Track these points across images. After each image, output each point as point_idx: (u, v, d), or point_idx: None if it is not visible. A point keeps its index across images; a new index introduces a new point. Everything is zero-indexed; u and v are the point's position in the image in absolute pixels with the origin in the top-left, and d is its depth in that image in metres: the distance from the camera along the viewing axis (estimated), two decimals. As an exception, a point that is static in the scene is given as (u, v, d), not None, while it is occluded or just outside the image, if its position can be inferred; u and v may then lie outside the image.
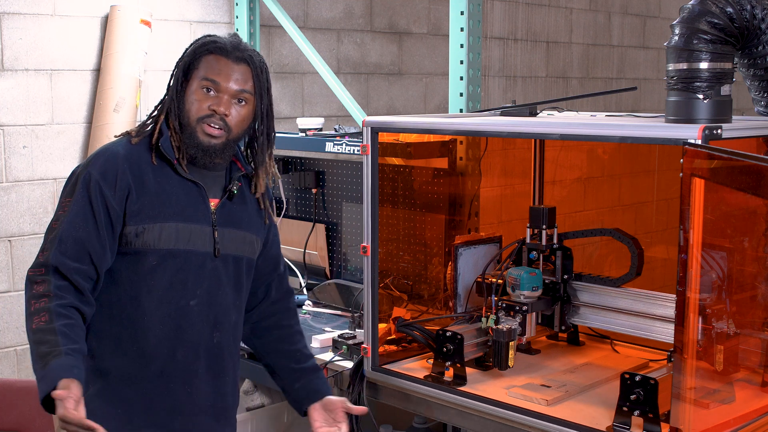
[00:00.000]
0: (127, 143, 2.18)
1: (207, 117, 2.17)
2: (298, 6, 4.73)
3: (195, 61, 2.19)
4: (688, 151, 1.87)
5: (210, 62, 2.19)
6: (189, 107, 2.18)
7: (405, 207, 3.05)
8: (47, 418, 2.71)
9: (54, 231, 2.09)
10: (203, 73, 2.18)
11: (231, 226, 2.26)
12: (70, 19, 3.88)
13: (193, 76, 2.19)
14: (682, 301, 1.91)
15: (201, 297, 2.21)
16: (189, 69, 2.20)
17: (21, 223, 3.81)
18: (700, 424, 2.01)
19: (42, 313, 2.00)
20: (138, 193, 2.13)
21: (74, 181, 2.13)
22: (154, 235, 2.13)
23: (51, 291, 2.03)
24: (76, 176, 2.13)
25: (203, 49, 2.20)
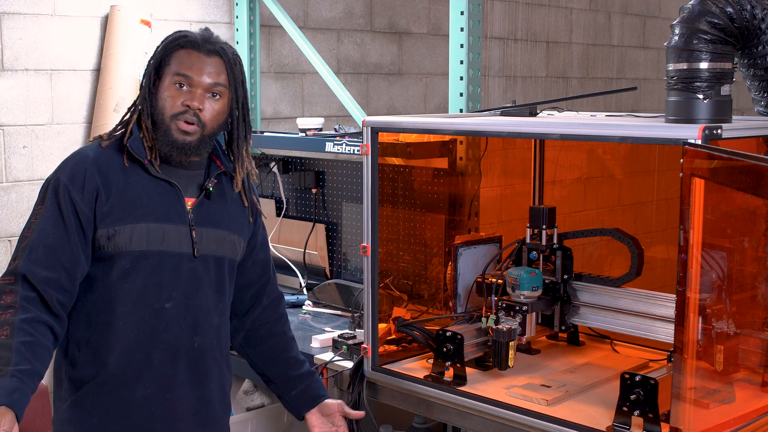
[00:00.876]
0: (97, 146, 2.16)
1: (181, 113, 2.12)
2: (298, 6, 4.73)
3: (166, 58, 2.16)
4: (688, 151, 1.87)
5: (181, 57, 2.15)
6: (162, 104, 2.13)
7: (405, 207, 3.05)
8: (47, 418, 2.70)
9: (25, 239, 2.07)
10: (175, 68, 2.14)
11: (210, 225, 2.21)
12: (70, 19, 3.88)
13: (164, 72, 2.15)
14: (682, 301, 1.91)
15: (177, 299, 2.16)
16: (160, 66, 2.16)
17: (21, 223, 3.80)
18: (700, 424, 2.01)
19: (5, 326, 1.96)
20: (107, 195, 2.09)
21: (45, 188, 2.13)
22: (125, 237, 2.09)
23: (17, 302, 1.99)
24: (47, 183, 2.13)
25: (174, 45, 2.16)
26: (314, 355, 2.98)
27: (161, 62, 2.16)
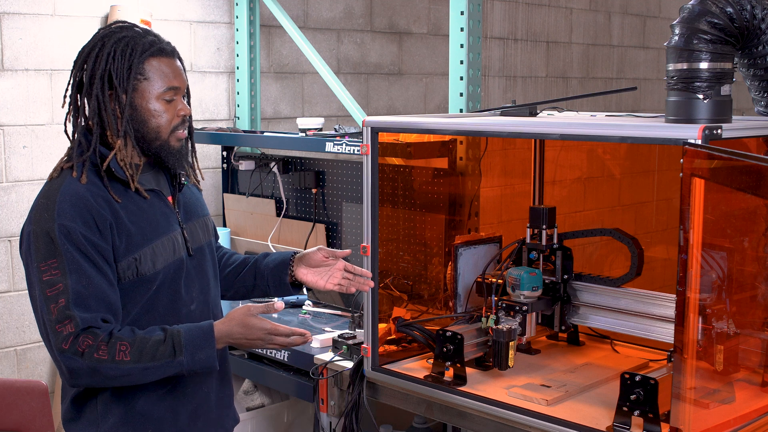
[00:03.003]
0: (75, 181, 2.02)
1: (180, 125, 2.10)
2: (298, 6, 4.73)
3: (135, 71, 2.03)
4: (688, 151, 1.87)
5: (160, 68, 2.05)
6: (157, 123, 2.06)
7: (405, 207, 3.05)
8: (47, 418, 2.71)
9: (60, 296, 1.93)
10: (161, 83, 2.05)
11: (193, 217, 2.21)
12: (70, 19, 3.88)
13: (140, 88, 2.03)
14: (682, 301, 1.91)
15: (198, 298, 2.18)
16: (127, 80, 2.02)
17: (21, 223, 3.79)
18: (700, 424, 2.01)
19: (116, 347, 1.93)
20: (117, 225, 2.01)
21: (47, 240, 1.95)
22: (147, 260, 2.05)
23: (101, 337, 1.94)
24: (46, 234, 1.95)
25: (144, 56, 2.03)
26: (314, 355, 2.98)
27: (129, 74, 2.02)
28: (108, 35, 2.06)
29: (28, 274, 2.01)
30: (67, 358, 1.92)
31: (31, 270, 1.98)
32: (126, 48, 2.03)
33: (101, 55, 2.03)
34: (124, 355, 1.94)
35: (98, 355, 1.92)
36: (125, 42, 2.04)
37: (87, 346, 1.92)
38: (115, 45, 2.04)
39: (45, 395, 2.72)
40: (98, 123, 2.06)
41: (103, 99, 2.03)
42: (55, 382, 3.90)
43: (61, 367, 1.95)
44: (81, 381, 1.97)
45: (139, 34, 2.07)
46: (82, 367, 1.93)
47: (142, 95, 2.04)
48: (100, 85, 2.02)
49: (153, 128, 2.07)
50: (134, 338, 1.96)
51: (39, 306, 1.96)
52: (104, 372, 1.94)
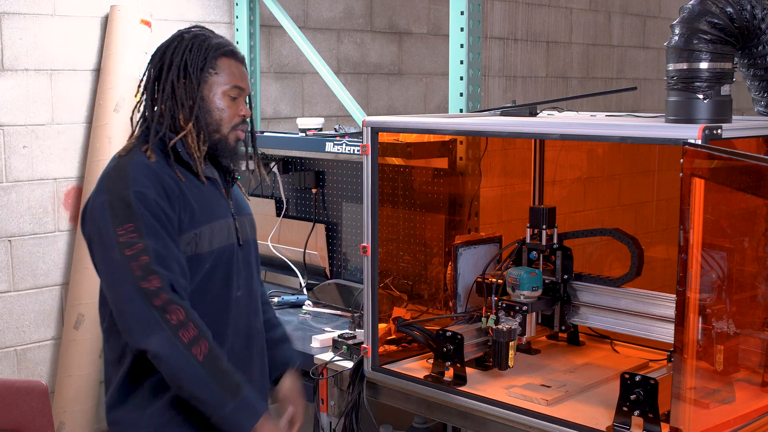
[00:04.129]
0: (143, 154, 2.11)
1: (239, 124, 2.21)
2: (298, 6, 4.73)
3: (208, 64, 2.18)
4: (688, 151, 1.87)
5: (230, 67, 2.20)
6: (219, 116, 2.19)
7: (405, 207, 3.05)
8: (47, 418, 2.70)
9: (141, 254, 1.98)
10: (228, 80, 2.19)
11: (241, 212, 2.31)
12: (70, 19, 3.88)
13: (210, 80, 2.18)
14: (682, 301, 1.91)
15: (243, 287, 2.24)
16: (201, 71, 2.17)
17: (21, 223, 3.80)
18: (700, 424, 2.01)
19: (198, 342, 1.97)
20: (183, 199, 2.11)
21: (123, 206, 2.02)
22: (206, 238, 2.13)
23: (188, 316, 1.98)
24: (122, 201, 2.02)
25: (218, 52, 2.19)
26: (314, 355, 2.98)
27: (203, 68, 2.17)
28: (187, 32, 2.22)
29: (101, 243, 2.04)
30: (153, 315, 1.95)
31: (105, 237, 2.02)
32: (203, 43, 2.18)
33: (179, 47, 2.17)
34: (200, 354, 1.97)
35: (180, 334, 1.96)
36: (202, 38, 2.19)
37: (176, 319, 1.96)
38: (194, 40, 2.19)
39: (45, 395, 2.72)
40: (170, 108, 2.17)
41: (176, 84, 2.15)
42: (55, 382, 3.90)
43: (138, 322, 1.96)
44: (152, 343, 1.96)
45: (216, 36, 2.24)
46: (165, 332, 1.95)
47: (211, 88, 2.17)
48: (176, 72, 2.15)
49: (215, 120, 2.18)
50: (214, 346, 2.01)
51: (118, 267, 1.99)
52: (175, 353, 1.96)
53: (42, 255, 3.89)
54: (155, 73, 2.20)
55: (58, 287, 3.96)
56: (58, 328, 3.97)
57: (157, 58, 2.21)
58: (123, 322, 2.00)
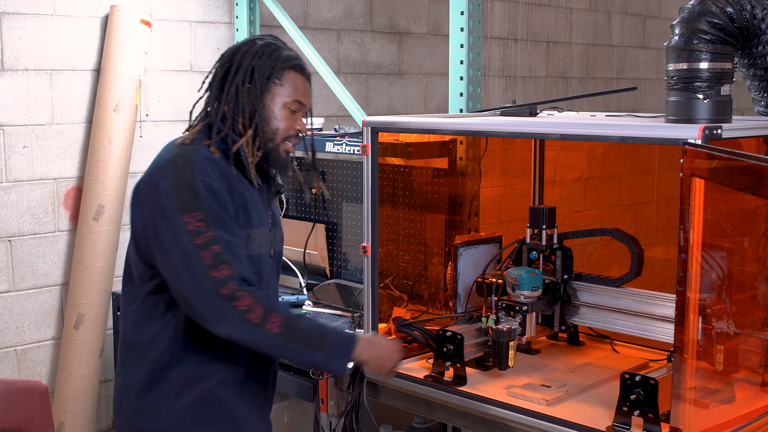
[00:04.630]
0: (206, 148, 2.12)
1: (292, 137, 2.23)
2: (298, 6, 4.73)
3: (275, 74, 2.19)
4: (688, 151, 1.87)
5: (295, 81, 2.21)
6: (276, 126, 2.20)
7: (405, 207, 3.05)
8: (47, 418, 2.71)
9: (211, 243, 2.00)
10: (291, 93, 2.20)
11: (276, 225, 2.33)
12: (70, 19, 3.88)
13: (274, 90, 2.19)
14: (682, 301, 1.91)
15: (272, 296, 2.28)
16: (267, 79, 2.18)
17: (21, 223, 3.80)
18: (700, 424, 2.01)
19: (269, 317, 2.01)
20: (240, 199, 2.13)
21: (191, 194, 2.03)
22: (255, 241, 2.16)
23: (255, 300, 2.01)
24: (190, 188, 2.03)
25: (287, 65, 2.20)
26: (314, 355, 2.98)
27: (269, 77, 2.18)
28: (261, 38, 2.24)
29: (168, 228, 2.03)
30: (223, 303, 1.98)
31: (173, 223, 2.02)
32: (273, 53, 2.20)
33: (250, 52, 2.19)
34: (274, 327, 2.01)
35: (249, 317, 1.99)
36: (273, 48, 2.21)
37: (244, 305, 1.99)
38: (265, 48, 2.20)
39: (45, 395, 2.71)
40: (232, 109, 2.18)
41: (241, 88, 2.17)
42: (55, 382, 3.90)
43: (209, 310, 1.99)
44: (224, 330, 2.01)
45: (287, 48, 2.25)
46: (234, 318, 1.99)
47: (273, 97, 2.19)
48: (243, 76, 2.17)
49: (272, 129, 2.20)
50: (289, 315, 2.05)
51: (187, 255, 2.00)
52: (249, 334, 2.01)
53: (42, 255, 3.89)
54: (222, 73, 2.21)
55: (58, 287, 3.96)
56: (58, 328, 3.97)
57: (226, 57, 2.22)
58: (192, 309, 2.03)
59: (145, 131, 4.16)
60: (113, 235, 3.89)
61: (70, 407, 3.85)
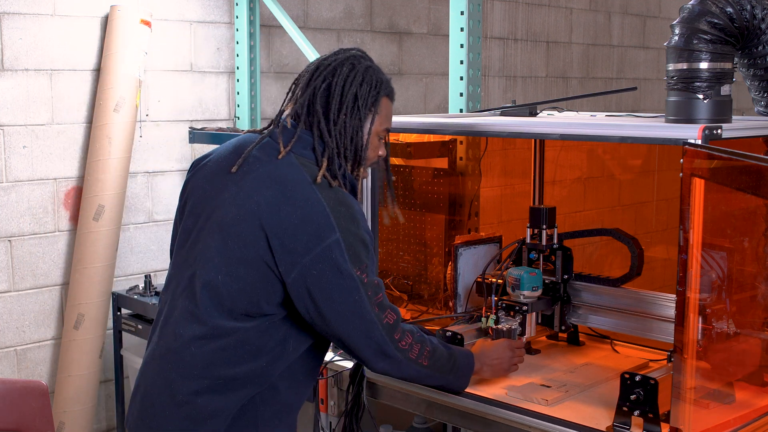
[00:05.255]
0: (339, 189, 2.05)
1: (375, 163, 2.20)
2: (298, 6, 4.73)
3: (375, 101, 2.11)
4: (688, 151, 1.87)
5: (388, 108, 2.16)
6: (368, 154, 2.13)
7: (405, 207, 3.05)
8: (47, 418, 2.71)
9: (377, 292, 2.06)
10: (384, 121, 2.14)
11: None
12: (70, 19, 3.88)
13: (372, 119, 2.11)
14: (682, 301, 1.91)
15: None
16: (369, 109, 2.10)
17: (21, 223, 3.81)
18: (700, 424, 2.01)
19: (423, 352, 2.15)
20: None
21: (362, 248, 2.01)
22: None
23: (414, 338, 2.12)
24: (361, 243, 2.01)
25: (384, 92, 2.13)
26: (314, 355, 2.98)
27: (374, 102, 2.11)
28: (357, 59, 2.12)
29: (342, 283, 1.99)
30: (392, 347, 2.08)
31: (348, 278, 1.99)
32: (373, 79, 2.11)
33: (351, 77, 2.09)
34: (424, 359, 2.16)
35: (410, 355, 2.12)
36: (373, 72, 2.12)
37: (406, 344, 2.11)
38: (366, 73, 2.11)
39: (45, 395, 2.71)
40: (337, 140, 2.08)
41: (346, 117, 2.08)
42: (55, 382, 3.90)
43: (376, 354, 2.07)
44: (385, 367, 2.12)
45: (381, 71, 2.16)
46: (398, 358, 2.10)
47: (370, 126, 2.12)
48: (347, 106, 2.08)
49: (364, 157, 2.13)
50: (432, 345, 2.18)
51: (362, 307, 2.02)
52: (406, 369, 2.14)
53: (42, 255, 3.89)
54: (323, 97, 2.08)
55: (58, 287, 3.96)
56: (58, 328, 3.97)
57: (321, 78, 2.09)
58: (356, 353, 2.08)
59: (145, 131, 4.16)
60: (113, 235, 3.89)
61: (70, 407, 3.85)
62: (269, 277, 1.98)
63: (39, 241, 3.87)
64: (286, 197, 1.98)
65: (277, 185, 2.00)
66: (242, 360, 2.02)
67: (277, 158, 2.04)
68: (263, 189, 2.00)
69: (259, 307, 2.00)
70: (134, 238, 4.18)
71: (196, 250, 2.05)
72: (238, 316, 2.01)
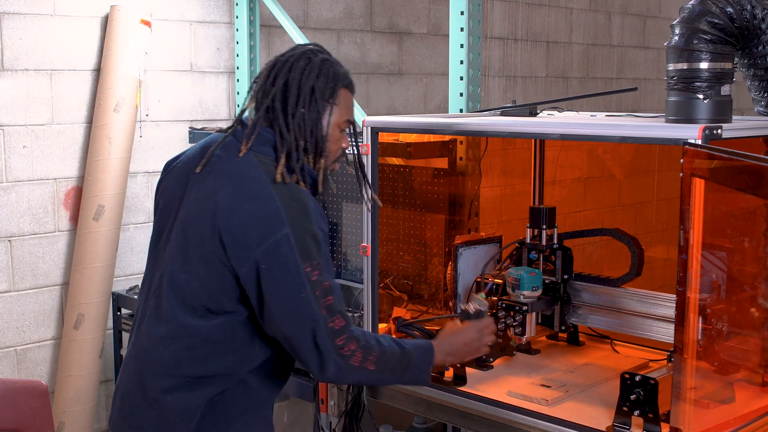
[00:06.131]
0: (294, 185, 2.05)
1: (340, 156, 2.18)
2: (298, 6, 4.73)
3: (334, 94, 2.11)
4: (688, 151, 1.87)
5: (347, 100, 2.15)
6: (331, 148, 2.13)
7: (405, 207, 3.05)
8: (47, 418, 2.71)
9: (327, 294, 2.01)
10: (344, 112, 2.13)
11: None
12: (70, 19, 3.88)
13: (330, 111, 2.10)
14: (682, 301, 1.91)
15: None
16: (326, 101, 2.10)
17: (21, 223, 3.80)
18: (700, 424, 2.01)
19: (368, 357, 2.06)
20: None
21: (313, 243, 2.00)
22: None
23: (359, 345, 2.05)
24: (312, 238, 2.00)
25: (342, 83, 2.13)
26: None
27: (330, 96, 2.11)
28: (313, 53, 2.13)
29: (288, 279, 1.99)
30: (333, 353, 2.01)
31: (295, 274, 1.98)
32: (330, 71, 2.12)
33: (308, 71, 2.10)
34: (370, 364, 2.07)
35: (352, 362, 2.04)
36: (329, 65, 2.13)
37: (349, 350, 2.03)
38: (322, 65, 2.11)
39: (45, 395, 2.71)
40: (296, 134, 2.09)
41: (303, 111, 2.09)
42: (55, 382, 3.90)
43: (317, 359, 2.01)
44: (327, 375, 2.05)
45: (338, 62, 2.17)
46: (338, 364, 2.02)
47: (329, 118, 2.12)
48: (304, 99, 2.09)
49: (327, 151, 2.13)
50: (380, 349, 2.09)
51: (308, 306, 1.99)
52: (349, 375, 2.07)
53: (42, 255, 3.89)
54: (280, 93, 2.10)
55: (58, 287, 3.96)
56: (58, 328, 3.97)
57: (280, 75, 2.11)
58: (299, 354, 2.04)
59: (145, 131, 4.16)
60: (113, 235, 3.89)
61: (70, 407, 3.85)
62: (225, 274, 2.01)
63: (39, 241, 3.87)
64: (240, 194, 2.01)
65: (234, 183, 2.03)
66: (209, 358, 2.05)
67: (237, 156, 2.07)
68: (221, 188, 2.03)
69: (221, 304, 2.03)
70: (134, 238, 4.18)
71: (165, 250, 2.10)
72: (202, 314, 2.04)
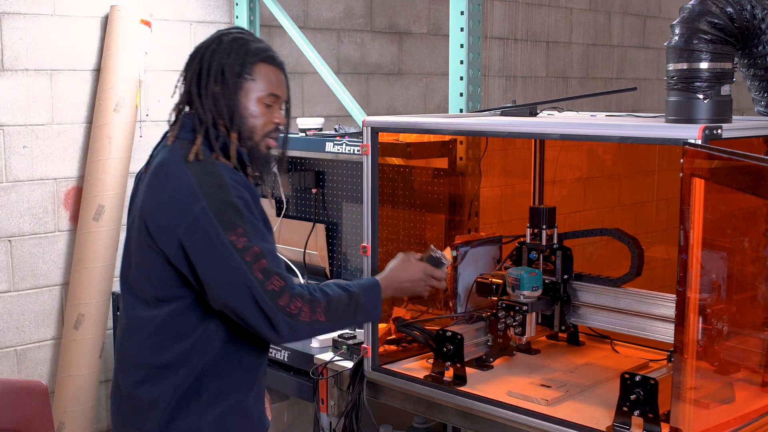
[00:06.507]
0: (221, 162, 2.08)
1: (272, 132, 2.18)
2: (298, 6, 4.73)
3: (246, 70, 2.12)
4: (688, 151, 1.87)
5: (267, 74, 2.15)
6: (253, 123, 2.14)
7: (405, 207, 3.05)
8: (47, 418, 2.71)
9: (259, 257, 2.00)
10: (264, 86, 2.14)
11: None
12: (70, 19, 3.89)
13: (246, 86, 2.12)
14: (682, 301, 1.91)
15: None
16: (238, 76, 2.12)
17: (21, 223, 3.81)
18: (700, 424, 2.01)
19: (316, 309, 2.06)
20: (258, 206, 2.11)
21: (232, 212, 2.00)
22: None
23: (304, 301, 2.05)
24: (230, 206, 2.00)
25: (256, 58, 2.14)
26: (314, 355, 2.98)
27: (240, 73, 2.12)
28: (226, 34, 2.17)
29: (214, 251, 2.00)
30: (281, 314, 2.01)
31: (219, 245, 1.99)
32: (241, 48, 2.14)
33: (218, 51, 2.13)
34: (319, 315, 2.07)
35: (302, 318, 2.04)
36: (241, 42, 2.15)
37: (296, 308, 2.03)
38: (232, 43, 2.14)
39: (45, 395, 2.72)
40: (212, 113, 2.12)
41: (216, 89, 2.11)
42: (55, 382, 3.90)
43: (266, 323, 2.01)
44: (282, 336, 2.05)
45: (256, 39, 2.20)
46: (289, 324, 2.02)
47: (246, 94, 2.13)
48: (214, 78, 2.12)
49: (249, 127, 2.14)
50: (328, 300, 2.10)
51: (240, 274, 1.99)
52: (302, 332, 2.07)
53: (42, 255, 3.89)
54: (194, 77, 2.14)
55: (58, 287, 3.96)
56: (58, 328, 3.97)
57: (196, 60, 2.15)
58: (249, 323, 2.03)
59: (145, 131, 4.16)
60: (113, 235, 3.89)
61: (70, 407, 3.85)
62: (159, 261, 2.06)
63: (39, 241, 3.87)
64: (158, 180, 2.07)
65: (154, 173, 2.09)
66: (167, 344, 2.09)
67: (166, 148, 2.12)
68: (148, 181, 2.10)
69: (167, 291, 2.07)
70: (134, 238, 4.18)
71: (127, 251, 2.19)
72: (154, 305, 2.10)
